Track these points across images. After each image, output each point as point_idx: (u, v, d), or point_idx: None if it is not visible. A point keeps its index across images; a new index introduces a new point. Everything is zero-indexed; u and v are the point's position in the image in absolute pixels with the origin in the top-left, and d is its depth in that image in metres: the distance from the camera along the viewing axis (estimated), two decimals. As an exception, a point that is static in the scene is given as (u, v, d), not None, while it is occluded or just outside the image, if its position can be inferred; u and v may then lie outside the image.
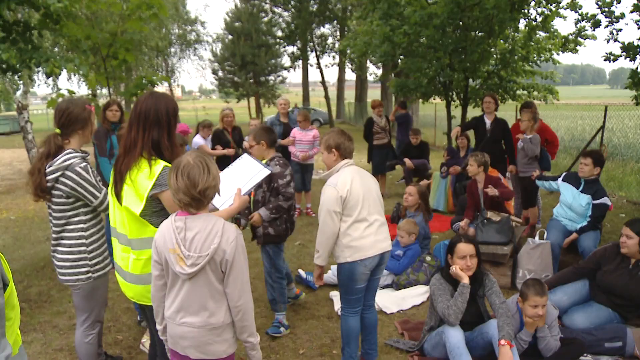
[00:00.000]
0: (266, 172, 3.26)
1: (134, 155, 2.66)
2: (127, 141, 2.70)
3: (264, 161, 4.04)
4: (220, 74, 35.79)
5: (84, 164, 3.11)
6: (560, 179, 5.71)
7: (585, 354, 3.83)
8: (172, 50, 40.69)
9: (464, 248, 3.71)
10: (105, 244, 3.39)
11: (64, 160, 3.05)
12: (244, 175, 3.25)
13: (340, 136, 3.56)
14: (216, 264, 2.30)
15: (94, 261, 3.25)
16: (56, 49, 23.20)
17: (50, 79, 23.56)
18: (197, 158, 2.29)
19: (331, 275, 5.35)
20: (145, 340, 4.14)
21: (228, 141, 7.98)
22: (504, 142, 7.20)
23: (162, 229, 2.37)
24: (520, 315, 3.78)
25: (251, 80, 33.94)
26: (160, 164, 2.64)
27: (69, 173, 3.05)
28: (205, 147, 8.05)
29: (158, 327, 2.55)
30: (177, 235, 2.29)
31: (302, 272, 5.60)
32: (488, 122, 7.36)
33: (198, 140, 8.14)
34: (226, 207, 2.83)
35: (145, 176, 2.61)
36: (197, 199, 2.28)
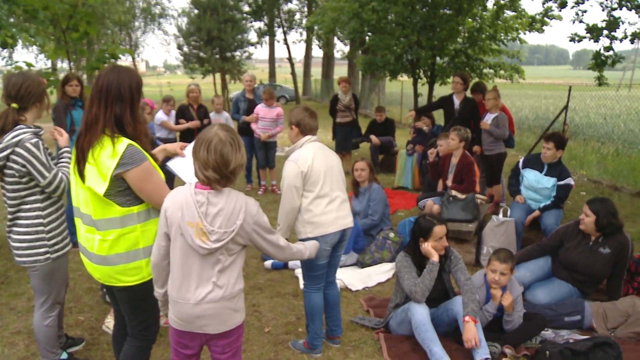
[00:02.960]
0: None
1: (95, 133, 2.51)
2: (89, 117, 2.55)
3: None
4: (185, 49, 34.94)
5: (35, 139, 2.96)
6: (520, 167, 5.76)
7: (546, 329, 3.92)
8: (136, 24, 39.68)
9: (440, 230, 3.71)
10: (65, 223, 3.26)
11: (14, 137, 2.91)
12: None
13: (302, 112, 3.55)
14: (238, 239, 2.34)
15: (52, 241, 3.13)
16: (12, 20, 22.32)
17: (6, 50, 22.72)
18: (229, 134, 2.30)
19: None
20: (109, 321, 4.06)
21: (192, 117, 7.86)
22: (473, 122, 7.24)
23: (179, 201, 2.30)
24: (487, 288, 3.84)
25: (217, 56, 33.22)
26: (123, 142, 2.50)
27: (18, 149, 2.90)
28: (168, 123, 7.88)
29: (160, 290, 2.52)
30: (198, 209, 2.25)
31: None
32: (457, 101, 7.39)
33: (160, 116, 7.96)
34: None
35: (108, 155, 2.47)
36: (227, 177, 2.28)
